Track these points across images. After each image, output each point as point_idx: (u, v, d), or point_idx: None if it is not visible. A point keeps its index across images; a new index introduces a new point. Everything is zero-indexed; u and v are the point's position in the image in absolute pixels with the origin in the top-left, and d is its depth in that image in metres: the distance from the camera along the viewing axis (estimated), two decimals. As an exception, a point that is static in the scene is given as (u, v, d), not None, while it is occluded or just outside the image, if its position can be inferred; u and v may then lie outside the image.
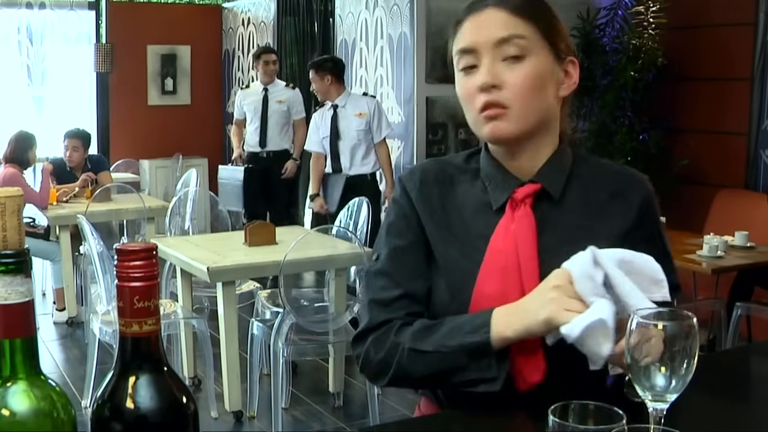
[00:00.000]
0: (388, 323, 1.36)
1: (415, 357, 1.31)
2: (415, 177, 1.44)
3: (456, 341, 1.27)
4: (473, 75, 1.33)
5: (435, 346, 1.29)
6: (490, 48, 1.32)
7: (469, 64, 1.34)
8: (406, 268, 1.39)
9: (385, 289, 1.39)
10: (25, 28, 7.88)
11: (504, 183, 1.37)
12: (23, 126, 6.04)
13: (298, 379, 4.41)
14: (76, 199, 5.70)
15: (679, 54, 5.76)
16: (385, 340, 1.35)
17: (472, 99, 1.34)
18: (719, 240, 4.19)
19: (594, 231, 1.33)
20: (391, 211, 1.45)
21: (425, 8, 5.69)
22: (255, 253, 3.94)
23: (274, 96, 6.52)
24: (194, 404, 0.83)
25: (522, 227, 1.33)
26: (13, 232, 0.86)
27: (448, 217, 1.39)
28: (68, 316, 5.48)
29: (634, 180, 1.41)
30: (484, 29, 1.33)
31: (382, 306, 1.38)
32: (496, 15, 1.32)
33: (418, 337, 1.32)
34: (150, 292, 0.79)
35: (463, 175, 1.43)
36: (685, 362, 1.01)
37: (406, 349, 1.32)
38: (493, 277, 1.33)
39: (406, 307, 1.38)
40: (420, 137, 5.76)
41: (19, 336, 0.79)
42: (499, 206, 1.37)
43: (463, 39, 1.35)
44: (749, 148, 5.44)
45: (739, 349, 2.97)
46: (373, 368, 1.37)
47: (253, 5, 8.11)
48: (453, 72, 1.40)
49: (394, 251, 1.41)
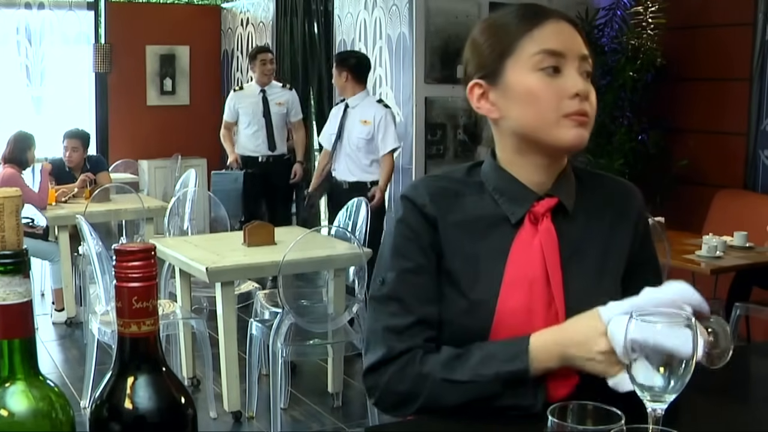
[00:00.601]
0: (407, 353, 1.32)
1: (449, 387, 1.27)
2: (421, 191, 1.40)
3: (492, 370, 1.25)
4: (559, 78, 1.32)
5: (470, 376, 1.26)
6: (576, 58, 1.33)
7: (553, 65, 1.32)
8: (417, 292, 1.35)
9: (398, 315, 1.34)
10: (24, 29, 7.87)
11: (521, 196, 1.38)
12: (22, 126, 6.04)
13: (297, 380, 4.41)
14: (75, 199, 5.70)
15: (678, 54, 5.76)
16: (408, 371, 1.31)
17: (559, 101, 1.32)
18: (718, 240, 4.19)
19: (602, 240, 1.40)
20: (396, 232, 1.39)
21: (424, 8, 5.69)
22: (254, 254, 3.94)
23: (273, 98, 6.29)
24: (193, 405, 0.83)
25: (547, 241, 1.35)
26: (12, 233, 0.86)
27: (463, 231, 1.37)
28: (67, 317, 5.48)
29: (628, 189, 1.49)
30: (570, 39, 1.35)
31: (397, 334, 1.33)
32: (571, 29, 1.36)
33: (449, 367, 1.28)
34: (148, 293, 0.79)
35: (466, 188, 1.41)
36: (683, 363, 1.01)
37: (438, 380, 1.28)
38: (517, 290, 1.33)
39: (421, 333, 1.34)
40: (419, 138, 5.76)
41: (18, 336, 0.79)
42: (518, 219, 1.37)
43: (550, 40, 1.33)
44: (748, 149, 5.44)
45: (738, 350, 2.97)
46: (395, 400, 1.33)
47: (252, 5, 8.11)
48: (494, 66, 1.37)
49: (402, 274, 1.36)
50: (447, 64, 5.78)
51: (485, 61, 1.37)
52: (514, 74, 1.34)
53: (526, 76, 1.33)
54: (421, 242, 1.37)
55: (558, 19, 1.35)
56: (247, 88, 6.41)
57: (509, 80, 1.34)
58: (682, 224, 5.05)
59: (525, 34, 1.34)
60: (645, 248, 1.46)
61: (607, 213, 1.42)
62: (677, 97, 5.82)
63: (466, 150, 5.91)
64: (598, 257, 1.38)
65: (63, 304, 5.48)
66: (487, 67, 1.37)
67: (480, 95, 1.39)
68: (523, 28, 1.34)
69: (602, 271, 1.38)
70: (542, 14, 1.36)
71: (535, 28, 1.34)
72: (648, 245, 1.48)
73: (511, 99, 1.35)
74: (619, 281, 1.40)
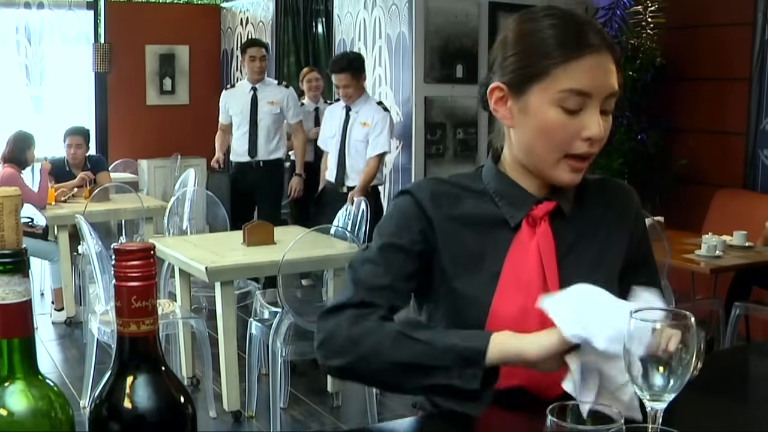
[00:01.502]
0: (371, 306, 1.33)
1: (401, 341, 1.27)
2: (424, 189, 1.42)
3: (450, 341, 1.25)
4: (579, 117, 1.29)
5: (427, 337, 1.27)
6: (602, 98, 1.30)
7: (577, 107, 1.29)
8: (396, 264, 1.37)
9: (374, 275, 1.36)
10: (24, 28, 7.87)
11: (519, 200, 1.39)
12: (22, 126, 6.04)
13: (296, 379, 4.41)
14: (75, 199, 5.70)
15: (678, 54, 5.76)
16: (363, 320, 1.31)
17: (570, 141, 1.31)
18: (718, 240, 4.19)
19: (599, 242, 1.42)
20: (391, 216, 1.43)
21: (423, 8, 5.69)
22: (253, 253, 3.94)
23: (264, 96, 5.75)
24: (192, 404, 0.83)
25: (544, 244, 1.37)
26: (11, 232, 0.86)
27: (461, 231, 1.39)
28: (66, 316, 5.48)
29: (625, 191, 1.50)
30: (603, 76, 1.29)
31: (367, 289, 1.35)
32: (609, 61, 1.30)
33: (409, 325, 1.30)
34: (148, 292, 0.79)
35: (466, 191, 1.43)
36: (683, 362, 1.01)
37: (393, 331, 1.28)
38: (513, 291, 1.35)
39: (390, 299, 1.36)
40: (418, 137, 5.76)
41: (17, 336, 0.79)
42: (517, 223, 1.38)
43: (582, 78, 1.28)
44: (748, 148, 5.45)
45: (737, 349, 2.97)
46: (336, 344, 1.31)
47: (251, 5, 8.10)
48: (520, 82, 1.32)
49: (387, 246, 1.38)
50: (447, 63, 5.78)
51: (512, 73, 1.34)
52: (537, 100, 1.31)
53: (547, 108, 1.30)
54: (411, 228, 1.39)
55: (598, 52, 1.29)
56: (238, 86, 5.95)
57: (530, 103, 1.32)
58: (681, 224, 5.05)
59: (560, 65, 1.28)
60: (642, 248, 1.47)
61: (605, 215, 1.44)
62: (677, 96, 5.82)
63: (465, 150, 5.91)
64: (594, 259, 1.40)
65: (62, 303, 5.48)
66: (514, 79, 1.34)
67: (499, 98, 1.37)
68: (559, 58, 1.28)
69: (598, 272, 1.39)
70: (584, 44, 1.28)
71: (572, 61, 1.28)
72: (645, 245, 1.49)
73: (526, 120, 1.33)
74: (615, 282, 1.41)
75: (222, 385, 3.84)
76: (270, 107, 5.74)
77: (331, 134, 5.17)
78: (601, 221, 1.43)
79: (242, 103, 5.76)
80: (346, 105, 5.10)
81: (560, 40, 1.29)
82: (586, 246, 1.40)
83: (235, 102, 5.81)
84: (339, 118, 5.14)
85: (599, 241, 1.41)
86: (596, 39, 1.29)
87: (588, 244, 1.40)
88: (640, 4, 5.76)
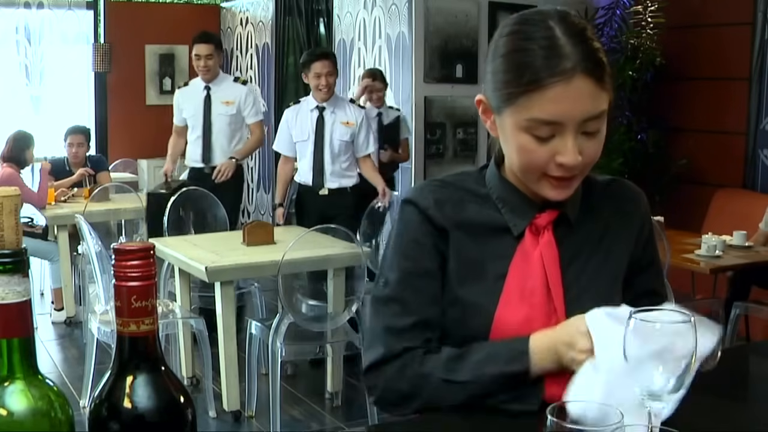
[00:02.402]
0: (407, 352, 1.32)
1: (450, 388, 1.28)
2: (427, 194, 1.38)
3: (493, 370, 1.26)
4: (552, 143, 1.24)
5: (470, 376, 1.27)
6: (576, 124, 1.23)
7: (548, 134, 1.24)
8: (419, 295, 1.35)
9: (399, 316, 1.34)
10: (23, 28, 7.87)
11: (523, 208, 1.36)
12: (21, 126, 6.04)
13: (296, 379, 4.41)
14: (75, 198, 5.70)
15: (678, 54, 5.76)
16: (408, 371, 1.31)
17: (544, 164, 1.26)
18: (717, 240, 4.19)
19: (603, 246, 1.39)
20: (399, 234, 1.39)
21: (423, 8, 5.69)
22: (253, 253, 3.94)
23: (218, 96, 5.20)
24: (192, 404, 0.83)
25: (548, 254, 1.34)
26: (11, 232, 0.85)
27: (466, 237, 1.37)
28: (66, 316, 5.48)
29: (632, 193, 1.46)
30: (572, 103, 1.21)
31: (397, 334, 1.33)
32: (585, 85, 1.21)
33: (449, 368, 1.29)
34: (147, 292, 0.79)
35: (469, 195, 1.40)
36: (683, 362, 1.01)
37: (439, 380, 1.29)
38: (517, 301, 1.33)
39: (422, 334, 1.34)
40: (418, 137, 5.77)
41: (17, 335, 0.79)
42: (520, 232, 1.36)
43: (548, 110, 1.21)
44: (747, 148, 5.45)
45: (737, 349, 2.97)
46: (394, 399, 1.33)
47: (251, 5, 8.10)
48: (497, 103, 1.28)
49: (405, 276, 1.36)
50: (446, 63, 5.78)
51: (489, 89, 1.30)
52: (510, 123, 1.27)
53: (518, 134, 1.26)
54: (424, 244, 1.36)
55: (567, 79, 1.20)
56: (192, 85, 5.34)
57: (505, 124, 1.28)
58: (681, 223, 5.05)
59: (522, 95, 1.23)
60: (647, 252, 1.45)
61: (611, 218, 1.41)
62: (676, 96, 5.82)
63: (465, 149, 5.92)
64: (599, 264, 1.38)
65: (62, 303, 5.48)
66: (491, 97, 1.30)
67: (484, 110, 1.35)
68: (521, 87, 1.22)
69: (606, 279, 1.38)
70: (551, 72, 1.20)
71: (534, 92, 1.21)
72: (651, 249, 1.46)
73: (505, 137, 1.31)
74: (620, 285, 1.40)
75: (222, 384, 3.84)
76: (225, 108, 5.21)
77: (303, 137, 4.76)
78: (607, 225, 1.40)
79: (195, 104, 5.22)
80: (318, 105, 4.72)
81: (525, 65, 1.22)
82: (592, 251, 1.38)
83: (188, 103, 5.27)
84: (310, 120, 4.75)
85: (605, 246, 1.39)
86: (570, 62, 1.20)
87: (593, 249, 1.38)
88: (640, 4, 5.77)
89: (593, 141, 1.27)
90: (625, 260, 1.41)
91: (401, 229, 1.39)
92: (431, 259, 1.36)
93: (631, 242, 1.41)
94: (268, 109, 7.75)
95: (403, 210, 1.39)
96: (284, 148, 4.89)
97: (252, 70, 8.08)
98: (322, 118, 4.71)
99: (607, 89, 1.24)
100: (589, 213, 1.40)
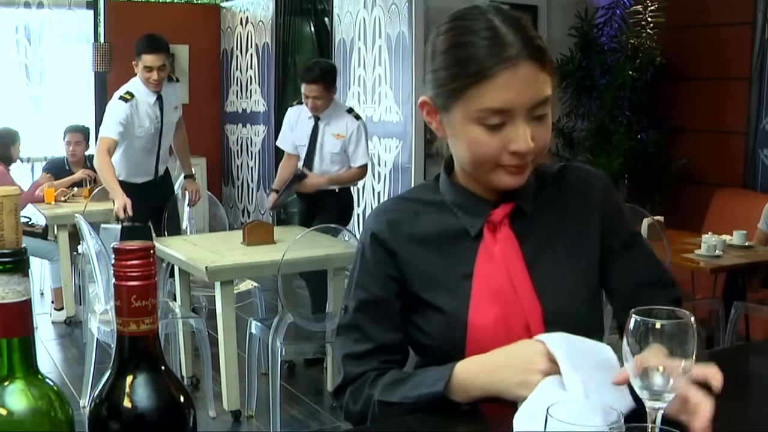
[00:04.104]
0: (362, 376, 1.38)
1: (384, 408, 1.32)
2: (381, 218, 1.41)
3: (416, 392, 1.29)
4: (503, 131, 1.26)
5: (399, 398, 1.30)
6: (525, 110, 1.25)
7: (499, 122, 1.25)
8: (375, 321, 1.39)
9: (357, 342, 1.39)
10: (23, 28, 7.86)
11: (476, 208, 1.38)
12: (21, 125, 6.04)
13: (296, 379, 4.41)
14: (75, 198, 5.70)
15: (678, 53, 5.76)
16: (360, 393, 1.37)
17: (497, 154, 1.27)
18: (717, 239, 4.19)
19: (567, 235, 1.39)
20: (358, 263, 1.43)
21: (423, 8, 5.69)
22: (253, 253, 3.95)
23: (169, 103, 4.87)
24: (192, 404, 0.83)
25: (507, 248, 1.35)
26: (10, 231, 0.86)
27: (425, 251, 1.38)
28: (66, 316, 5.48)
29: (588, 174, 1.46)
30: (521, 89, 1.24)
31: (355, 360, 1.39)
32: (530, 71, 1.23)
33: (386, 390, 1.33)
34: (147, 291, 0.79)
35: (426, 206, 1.42)
36: (682, 362, 1.01)
37: (376, 401, 1.33)
38: (487, 303, 1.33)
39: (379, 358, 1.39)
40: (418, 137, 5.76)
41: (17, 335, 0.79)
42: (477, 231, 1.37)
43: (498, 98, 1.23)
44: (747, 148, 5.45)
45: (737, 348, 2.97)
46: (354, 419, 1.39)
47: (251, 4, 8.10)
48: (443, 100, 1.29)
49: (361, 304, 1.40)
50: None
51: (436, 89, 1.31)
52: (459, 118, 1.28)
53: (469, 127, 1.27)
54: (378, 274, 1.39)
55: (514, 65, 1.22)
56: (138, 95, 4.74)
57: (454, 120, 1.29)
58: (681, 223, 5.05)
59: (471, 86, 1.24)
60: (622, 225, 1.43)
61: (571, 204, 1.41)
62: (676, 96, 5.82)
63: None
64: (568, 253, 1.38)
65: (62, 303, 5.48)
66: (437, 95, 1.31)
67: (429, 111, 1.35)
68: (471, 79, 1.24)
69: (575, 264, 1.38)
70: (496, 60, 1.22)
71: (484, 81, 1.23)
72: (624, 222, 1.45)
73: (454, 134, 1.31)
74: (594, 270, 1.40)
75: (222, 384, 3.84)
76: (174, 114, 4.96)
77: (301, 143, 4.76)
78: (567, 211, 1.40)
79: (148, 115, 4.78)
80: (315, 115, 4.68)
81: (470, 58, 1.24)
82: (556, 240, 1.38)
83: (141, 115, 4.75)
84: (307, 127, 4.72)
85: (571, 234, 1.39)
86: (513, 50, 1.22)
87: (556, 237, 1.38)
88: (640, 4, 5.77)
89: (542, 126, 1.28)
90: (594, 243, 1.40)
91: (357, 258, 1.44)
92: (383, 288, 1.39)
93: (596, 223, 1.40)
94: (268, 108, 7.77)
95: (362, 238, 1.44)
96: (286, 146, 4.90)
97: (252, 70, 8.08)
98: (317, 128, 4.69)
99: (550, 73, 1.27)
100: (544, 202, 1.40)
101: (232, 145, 8.54)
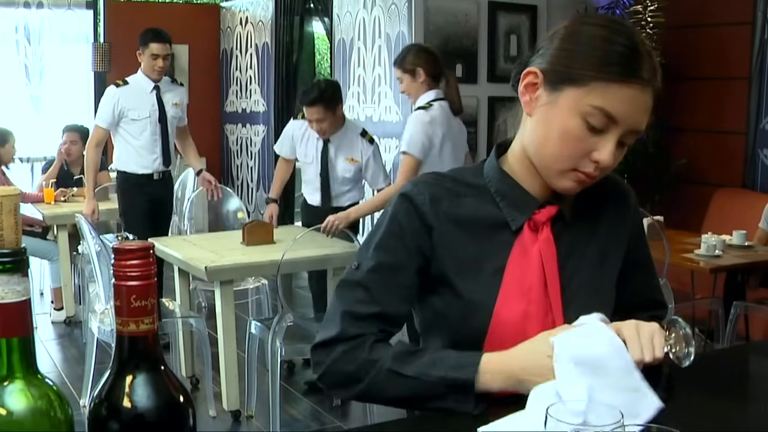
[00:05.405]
0: (359, 337, 1.33)
1: (394, 379, 1.28)
2: (423, 189, 1.37)
3: (439, 373, 1.26)
4: (597, 137, 1.26)
5: (416, 372, 1.27)
6: (624, 130, 1.26)
7: (600, 127, 1.25)
8: (387, 287, 1.35)
9: (362, 303, 1.35)
10: (23, 28, 7.86)
11: (522, 203, 1.36)
12: (21, 125, 6.04)
13: (296, 378, 4.41)
14: (74, 198, 5.70)
15: (678, 53, 5.76)
16: (357, 354, 1.32)
17: (580, 157, 1.27)
18: (717, 239, 4.19)
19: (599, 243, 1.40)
20: (386, 225, 1.38)
21: (423, 8, 5.69)
22: (253, 253, 3.95)
23: (168, 97, 4.91)
24: (192, 403, 0.83)
25: (546, 250, 1.35)
26: (10, 231, 0.85)
27: (462, 234, 1.36)
28: (66, 316, 5.48)
29: (623, 189, 1.48)
30: (636, 109, 1.25)
31: (355, 319, 1.34)
32: (649, 102, 1.26)
33: (399, 360, 1.29)
34: (147, 291, 0.79)
35: (467, 189, 1.39)
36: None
37: (385, 369, 1.29)
38: (515, 296, 1.33)
39: (380, 325, 1.35)
40: (418, 136, 5.75)
41: (16, 335, 0.79)
42: (519, 227, 1.36)
43: (618, 105, 1.24)
44: (747, 148, 5.45)
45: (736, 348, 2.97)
46: (338, 379, 1.34)
47: (251, 4, 8.10)
48: (558, 77, 1.27)
49: (378, 266, 1.35)
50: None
51: (554, 65, 1.29)
52: (566, 102, 1.26)
53: (572, 116, 1.26)
54: (407, 242, 1.36)
55: (643, 88, 1.24)
56: (134, 83, 4.85)
57: (559, 102, 1.27)
58: (681, 223, 5.05)
59: (601, 81, 1.23)
60: (639, 247, 1.47)
61: (604, 215, 1.42)
62: (676, 96, 5.82)
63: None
64: (595, 261, 1.39)
65: (62, 303, 5.48)
66: (554, 71, 1.28)
67: (531, 84, 1.31)
68: (604, 74, 1.23)
69: (601, 275, 1.39)
70: (634, 73, 1.24)
71: (614, 83, 1.23)
72: (643, 244, 1.49)
73: (548, 115, 1.29)
74: (614, 282, 1.41)
75: (221, 384, 3.84)
76: (174, 110, 4.96)
77: (308, 161, 4.54)
78: (600, 222, 1.41)
79: (146, 104, 4.84)
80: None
81: (614, 58, 1.24)
82: (586, 247, 1.39)
83: (135, 103, 4.81)
84: (316, 148, 4.49)
85: (599, 243, 1.40)
86: (648, 74, 1.25)
87: (588, 245, 1.39)
88: (640, 4, 5.76)
89: (621, 152, 1.29)
90: (619, 256, 1.42)
91: (385, 220, 1.38)
92: (409, 258, 1.36)
93: (625, 238, 1.43)
94: (268, 109, 7.77)
95: (397, 203, 1.38)
96: (286, 153, 4.71)
97: (252, 70, 8.08)
98: (327, 150, 4.46)
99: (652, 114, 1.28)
100: (582, 209, 1.40)
101: (231, 145, 8.54)
